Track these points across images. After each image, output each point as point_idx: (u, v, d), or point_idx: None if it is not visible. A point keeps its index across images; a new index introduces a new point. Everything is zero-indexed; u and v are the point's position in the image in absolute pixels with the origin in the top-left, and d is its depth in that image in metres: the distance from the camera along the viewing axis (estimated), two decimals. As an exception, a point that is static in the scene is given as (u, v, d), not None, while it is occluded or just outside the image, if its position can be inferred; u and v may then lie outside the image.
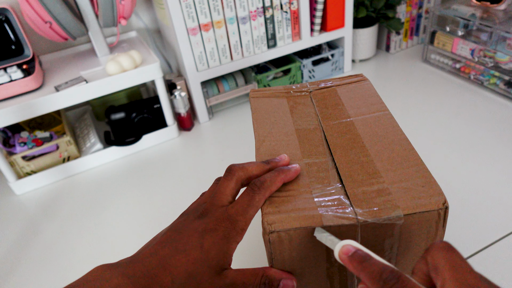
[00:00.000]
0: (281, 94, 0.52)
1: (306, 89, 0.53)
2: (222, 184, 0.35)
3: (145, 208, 0.74)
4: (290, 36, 0.97)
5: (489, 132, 0.80)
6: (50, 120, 0.95)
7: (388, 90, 1.00)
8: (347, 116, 0.46)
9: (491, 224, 0.61)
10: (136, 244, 0.67)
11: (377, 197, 0.35)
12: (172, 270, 0.29)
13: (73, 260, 0.66)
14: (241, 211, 0.33)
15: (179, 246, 0.31)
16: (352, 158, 0.40)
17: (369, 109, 0.47)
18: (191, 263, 0.30)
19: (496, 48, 0.89)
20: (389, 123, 0.44)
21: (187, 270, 0.30)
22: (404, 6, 1.09)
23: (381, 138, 0.42)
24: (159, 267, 0.30)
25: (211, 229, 0.32)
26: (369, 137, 0.42)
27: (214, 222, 0.32)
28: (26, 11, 0.74)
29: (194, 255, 0.30)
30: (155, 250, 0.31)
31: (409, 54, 1.15)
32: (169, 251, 0.31)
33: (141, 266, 0.30)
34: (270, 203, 0.35)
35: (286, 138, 0.44)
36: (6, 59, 0.81)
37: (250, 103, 0.52)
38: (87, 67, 0.85)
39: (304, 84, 0.54)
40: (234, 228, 0.32)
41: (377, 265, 0.26)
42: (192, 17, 0.83)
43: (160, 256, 0.30)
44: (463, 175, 0.71)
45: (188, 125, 0.95)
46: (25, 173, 0.84)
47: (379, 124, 0.44)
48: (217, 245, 0.31)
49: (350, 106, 0.48)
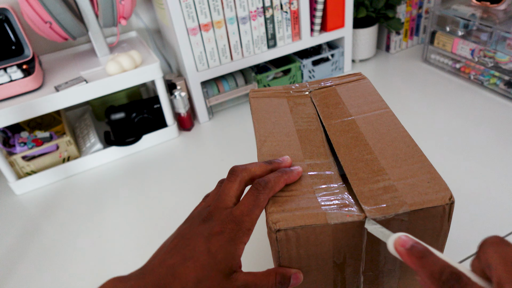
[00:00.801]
0: (281, 94, 0.52)
1: (306, 89, 0.53)
2: (225, 186, 0.35)
3: (145, 208, 0.74)
4: (290, 36, 0.97)
5: (489, 132, 0.80)
6: (50, 120, 0.95)
7: (388, 90, 1.00)
8: (349, 114, 0.46)
9: (491, 224, 0.61)
10: (136, 243, 0.67)
11: (383, 194, 0.35)
12: (181, 278, 0.30)
13: (73, 260, 0.66)
14: (246, 212, 0.33)
15: (187, 253, 0.31)
16: (356, 156, 0.40)
17: (370, 107, 0.47)
18: (200, 269, 0.30)
19: (496, 48, 0.89)
20: (391, 120, 0.44)
21: (196, 277, 0.30)
22: (404, 6, 1.09)
23: (383, 136, 0.42)
24: (168, 276, 0.30)
25: (217, 232, 0.32)
26: (371, 134, 0.43)
27: (219, 225, 0.32)
28: (26, 11, 0.74)
29: (202, 260, 0.30)
30: (164, 259, 0.31)
31: (409, 54, 1.15)
32: (177, 260, 0.31)
33: (151, 277, 0.30)
34: (274, 203, 0.35)
35: (287, 138, 0.44)
36: (6, 59, 0.81)
37: (250, 103, 0.52)
38: (87, 67, 0.85)
39: (303, 84, 0.54)
40: (240, 229, 0.32)
41: (437, 263, 0.25)
42: (192, 17, 0.83)
43: (169, 265, 0.31)
44: (463, 175, 0.71)
45: (188, 125, 0.95)
46: (25, 173, 0.84)
47: (381, 122, 0.44)
48: (224, 247, 0.31)
49: (350, 105, 0.48)
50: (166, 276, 0.30)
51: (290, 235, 0.34)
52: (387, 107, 0.47)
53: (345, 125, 0.45)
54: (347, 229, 0.34)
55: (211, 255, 0.31)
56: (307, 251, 0.36)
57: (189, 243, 0.32)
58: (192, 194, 0.75)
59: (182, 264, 0.30)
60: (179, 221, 0.38)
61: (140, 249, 0.66)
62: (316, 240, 0.35)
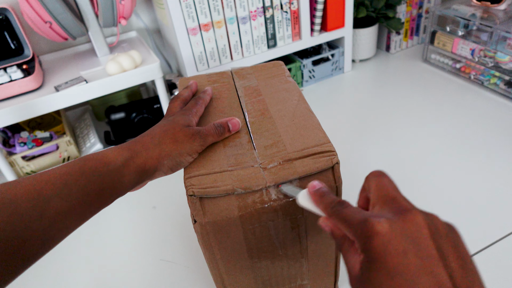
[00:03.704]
0: (203, 77, 0.55)
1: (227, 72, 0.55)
2: (171, 103, 0.47)
3: (144, 208, 0.74)
4: (290, 36, 0.97)
5: (489, 132, 0.80)
6: (50, 120, 0.95)
7: (388, 90, 1.00)
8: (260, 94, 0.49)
9: (491, 224, 0.61)
10: (136, 243, 0.67)
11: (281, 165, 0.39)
12: (151, 133, 0.40)
13: (72, 260, 0.66)
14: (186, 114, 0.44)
15: (157, 127, 0.41)
16: (266, 137, 0.43)
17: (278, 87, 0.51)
18: (165, 126, 0.41)
19: (496, 48, 0.89)
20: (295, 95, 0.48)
21: (162, 129, 0.40)
22: (404, 6, 1.09)
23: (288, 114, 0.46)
24: (144, 136, 0.40)
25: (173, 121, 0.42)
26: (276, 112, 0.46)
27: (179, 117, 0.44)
28: (26, 11, 0.74)
29: (167, 125, 0.41)
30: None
31: (409, 54, 1.15)
32: (149, 130, 0.41)
33: (134, 141, 0.40)
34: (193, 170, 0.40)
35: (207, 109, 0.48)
36: (6, 59, 0.81)
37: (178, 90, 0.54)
38: (87, 67, 0.85)
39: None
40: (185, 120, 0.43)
41: (331, 198, 0.32)
42: (192, 17, 0.83)
43: (147, 133, 0.41)
44: (463, 175, 0.71)
45: (188, 125, 0.95)
46: (25, 173, 0.84)
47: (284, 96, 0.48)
48: (181, 118, 0.42)
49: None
50: (143, 136, 0.40)
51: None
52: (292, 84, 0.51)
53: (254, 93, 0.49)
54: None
55: (173, 122, 0.41)
56: None
57: (163, 124, 0.42)
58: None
59: (154, 129, 0.41)
60: (180, 219, 0.38)
61: (141, 249, 0.66)
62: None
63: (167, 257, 0.64)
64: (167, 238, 0.67)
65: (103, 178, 0.34)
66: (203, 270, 0.61)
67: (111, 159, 0.35)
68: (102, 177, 0.34)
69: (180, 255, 0.64)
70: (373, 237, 0.26)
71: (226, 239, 0.40)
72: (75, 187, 0.32)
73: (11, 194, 0.29)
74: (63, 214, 0.31)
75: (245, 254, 0.42)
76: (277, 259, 0.44)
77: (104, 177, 0.35)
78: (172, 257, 0.64)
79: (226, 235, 0.39)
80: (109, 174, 0.35)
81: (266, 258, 0.43)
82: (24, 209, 0.29)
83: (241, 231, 0.39)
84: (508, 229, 0.60)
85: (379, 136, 0.84)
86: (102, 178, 0.34)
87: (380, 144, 0.82)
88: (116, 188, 0.36)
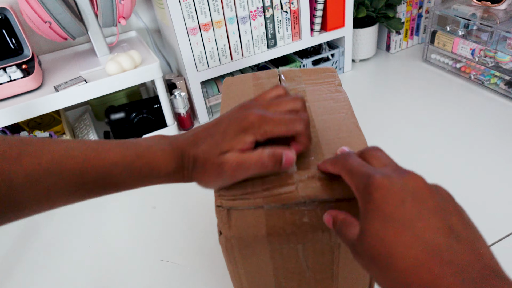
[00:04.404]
0: (248, 77, 0.52)
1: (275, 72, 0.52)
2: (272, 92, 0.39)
3: (144, 207, 0.74)
4: (290, 36, 0.97)
5: (489, 132, 0.80)
6: (50, 120, 0.95)
7: (388, 90, 1.00)
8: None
9: (491, 224, 0.61)
10: (136, 243, 0.67)
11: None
12: (197, 143, 0.35)
13: (72, 260, 0.66)
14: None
15: (210, 130, 0.36)
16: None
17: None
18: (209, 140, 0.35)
19: (496, 48, 0.89)
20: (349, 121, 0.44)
21: (206, 144, 0.35)
22: (404, 6, 1.09)
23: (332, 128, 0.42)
24: (191, 137, 0.36)
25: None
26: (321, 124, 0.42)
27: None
28: (25, 11, 0.74)
29: (215, 137, 0.35)
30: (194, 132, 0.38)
31: (409, 54, 1.15)
32: (202, 133, 0.36)
33: (181, 137, 0.36)
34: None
35: None
36: (5, 59, 0.81)
37: (223, 90, 0.51)
38: (86, 67, 0.85)
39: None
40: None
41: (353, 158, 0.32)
42: (192, 17, 0.83)
43: (193, 133, 0.36)
44: (463, 175, 0.71)
45: (188, 125, 0.95)
46: (25, 173, 0.84)
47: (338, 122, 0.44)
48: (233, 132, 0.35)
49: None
50: (191, 137, 0.35)
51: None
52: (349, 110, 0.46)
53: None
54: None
55: (223, 134, 0.34)
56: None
57: (216, 123, 0.36)
58: (192, 193, 0.75)
59: (201, 133, 0.36)
60: (180, 219, 0.38)
61: (140, 249, 0.66)
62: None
63: (167, 257, 0.64)
64: (167, 238, 0.67)
65: (150, 180, 0.35)
66: (203, 270, 0.61)
67: (161, 167, 0.35)
68: (149, 179, 0.35)
69: (180, 255, 0.64)
70: (375, 191, 0.26)
71: (251, 255, 0.38)
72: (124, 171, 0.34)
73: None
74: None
75: (271, 272, 0.40)
76: (303, 282, 0.41)
77: (152, 180, 0.35)
78: (172, 257, 0.64)
79: (251, 252, 0.37)
80: (154, 179, 0.35)
81: (293, 280, 0.41)
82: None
83: (267, 250, 0.37)
84: (508, 229, 0.60)
85: (379, 136, 0.84)
86: (149, 180, 0.35)
87: (380, 143, 0.81)
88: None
